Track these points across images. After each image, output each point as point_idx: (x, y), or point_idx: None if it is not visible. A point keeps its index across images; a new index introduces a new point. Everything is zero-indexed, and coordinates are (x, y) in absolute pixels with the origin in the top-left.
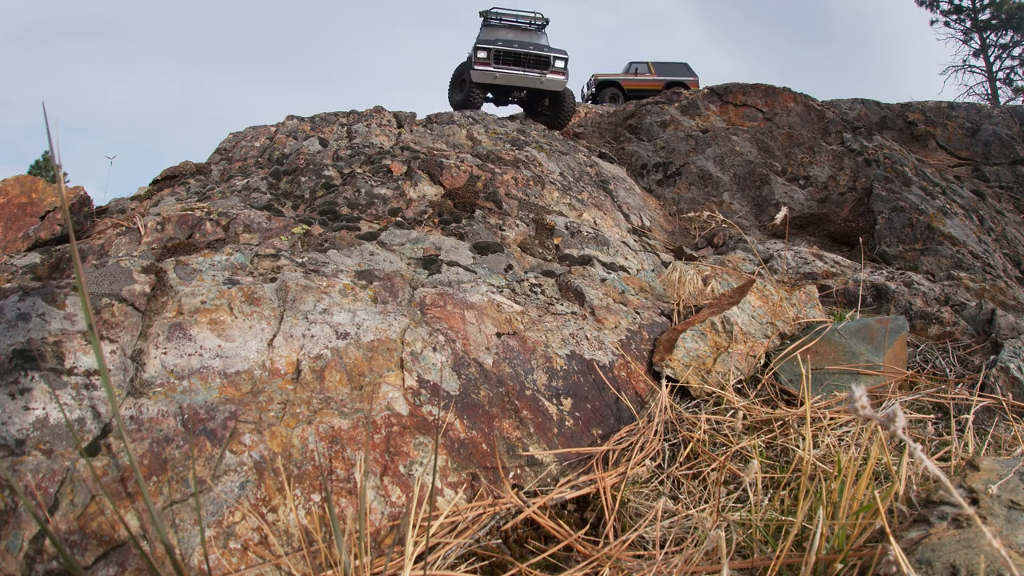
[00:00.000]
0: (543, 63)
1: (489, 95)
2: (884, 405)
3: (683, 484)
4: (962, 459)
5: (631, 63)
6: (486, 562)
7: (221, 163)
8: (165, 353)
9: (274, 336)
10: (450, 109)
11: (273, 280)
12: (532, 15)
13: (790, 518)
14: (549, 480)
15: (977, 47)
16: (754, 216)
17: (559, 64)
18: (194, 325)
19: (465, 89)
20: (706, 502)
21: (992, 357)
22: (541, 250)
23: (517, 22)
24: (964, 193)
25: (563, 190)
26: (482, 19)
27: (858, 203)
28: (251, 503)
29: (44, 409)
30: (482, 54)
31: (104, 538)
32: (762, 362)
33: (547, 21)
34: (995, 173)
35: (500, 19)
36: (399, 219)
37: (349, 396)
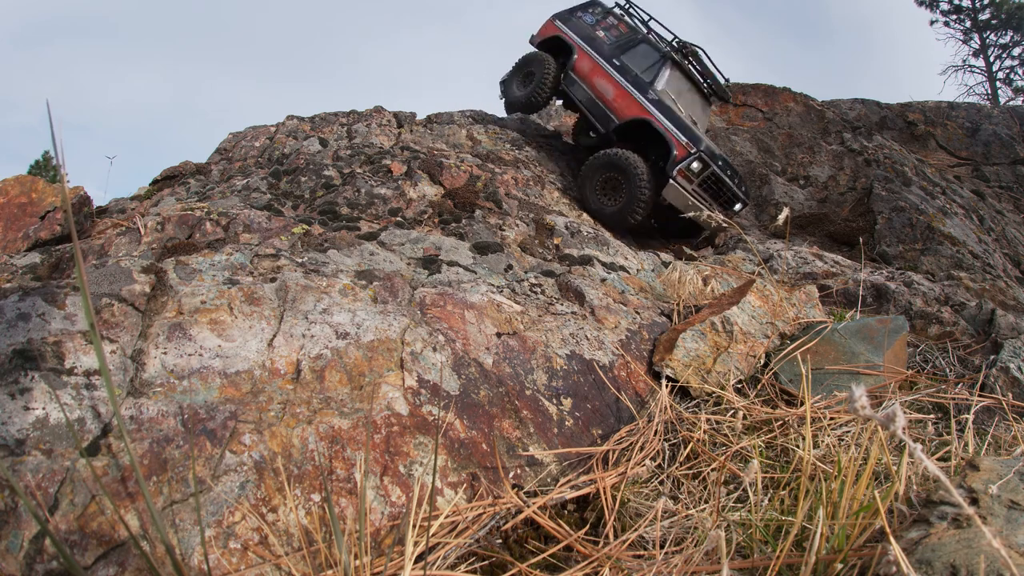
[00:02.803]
0: (732, 201)
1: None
2: (884, 405)
3: (683, 484)
4: (962, 459)
5: None
6: (486, 562)
7: (221, 163)
8: (165, 353)
9: (274, 336)
10: (449, 109)
11: (273, 280)
12: (725, 82)
13: (790, 518)
14: (549, 480)
15: (977, 47)
16: (754, 216)
17: (737, 207)
18: (194, 325)
19: (628, 194)
20: (706, 502)
21: (992, 357)
22: (541, 250)
23: (703, 83)
24: (964, 193)
25: (563, 190)
26: (660, 50)
27: (858, 203)
28: (251, 503)
29: (44, 409)
30: (696, 165)
31: (104, 538)
32: (762, 362)
33: (729, 99)
34: (995, 173)
35: (690, 64)
36: (399, 219)
37: (349, 396)
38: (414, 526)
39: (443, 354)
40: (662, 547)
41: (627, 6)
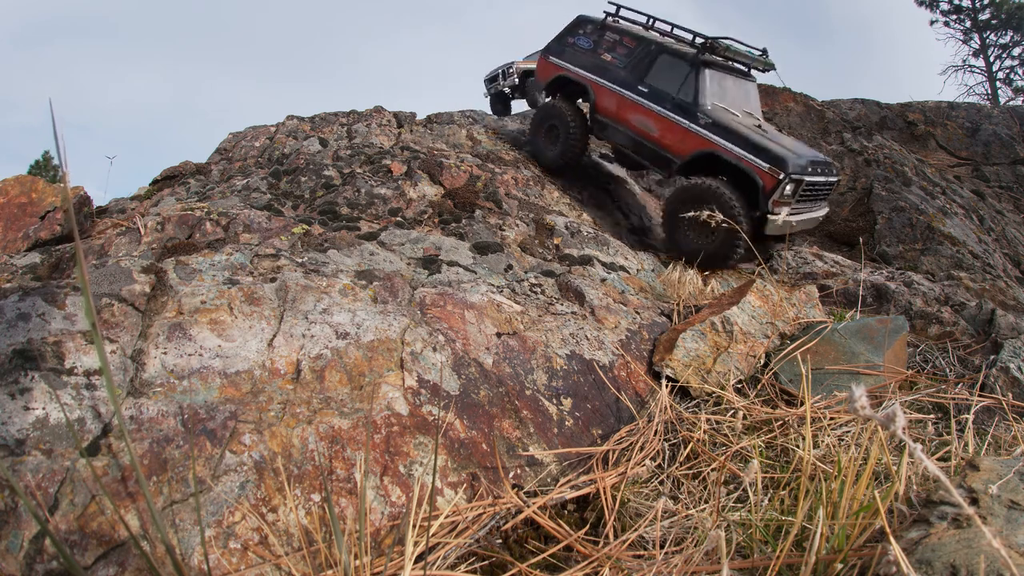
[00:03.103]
0: (829, 190)
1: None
2: (884, 405)
3: (683, 484)
4: (962, 459)
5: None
6: (486, 562)
7: (221, 163)
8: (165, 353)
9: (274, 336)
10: (449, 109)
11: (273, 280)
12: (760, 54)
13: (790, 518)
14: (549, 480)
15: (977, 47)
16: None
17: (834, 183)
18: (194, 325)
19: (715, 236)
20: (706, 502)
21: (992, 357)
22: (541, 250)
23: (743, 65)
24: (964, 193)
25: (563, 189)
26: (685, 56)
27: (858, 203)
28: (251, 503)
29: (44, 409)
30: (789, 189)
31: (104, 538)
32: (762, 362)
33: (772, 66)
34: (995, 173)
35: (724, 58)
36: (399, 219)
37: (349, 396)
38: (414, 526)
39: (443, 354)
40: (662, 547)
41: (617, 11)
